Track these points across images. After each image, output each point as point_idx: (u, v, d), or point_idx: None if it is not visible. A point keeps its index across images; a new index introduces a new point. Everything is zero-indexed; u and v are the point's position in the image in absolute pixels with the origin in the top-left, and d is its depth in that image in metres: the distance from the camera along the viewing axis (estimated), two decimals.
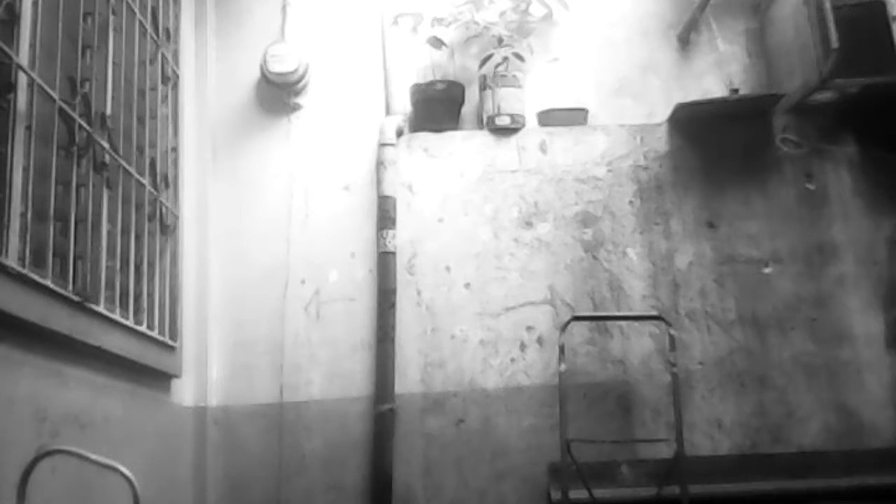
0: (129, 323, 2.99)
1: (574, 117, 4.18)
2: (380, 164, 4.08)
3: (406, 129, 4.19)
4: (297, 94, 4.26)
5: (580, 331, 3.86)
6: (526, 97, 4.18)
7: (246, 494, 3.78)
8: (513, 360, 3.90)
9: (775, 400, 3.81)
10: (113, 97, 3.00)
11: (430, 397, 3.85)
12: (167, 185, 3.54)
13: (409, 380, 3.87)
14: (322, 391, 3.90)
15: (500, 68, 4.09)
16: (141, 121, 3.30)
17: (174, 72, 3.72)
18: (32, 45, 2.39)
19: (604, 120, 4.21)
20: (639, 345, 3.89)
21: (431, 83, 4.16)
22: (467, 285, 3.97)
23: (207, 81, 4.17)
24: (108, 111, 2.94)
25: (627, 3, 4.38)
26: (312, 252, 4.06)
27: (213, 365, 3.91)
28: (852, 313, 3.88)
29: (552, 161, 4.11)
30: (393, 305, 3.91)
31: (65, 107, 2.59)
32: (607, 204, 4.06)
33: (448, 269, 4.00)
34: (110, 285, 2.89)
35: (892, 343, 3.83)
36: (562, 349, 3.51)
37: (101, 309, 2.74)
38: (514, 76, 4.12)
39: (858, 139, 4.06)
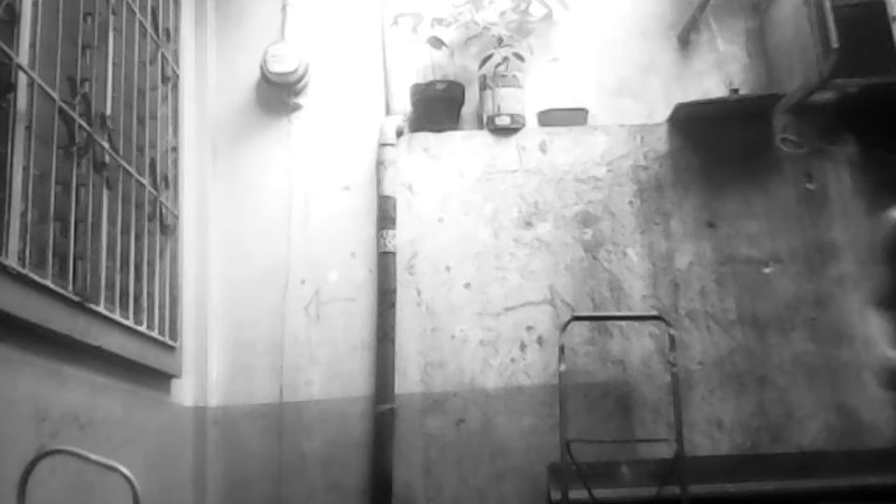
0: (129, 323, 2.99)
1: (574, 117, 4.17)
2: (380, 164, 4.08)
3: (406, 129, 4.19)
4: (297, 94, 4.25)
5: (580, 331, 3.86)
6: (526, 97, 4.17)
7: (246, 494, 3.78)
8: (513, 360, 3.90)
9: (775, 400, 3.81)
10: (113, 97, 3.00)
11: (430, 397, 3.85)
12: (167, 185, 3.54)
13: (409, 380, 3.87)
14: (322, 391, 3.90)
15: (500, 68, 4.09)
16: (141, 121, 3.30)
17: (174, 72, 3.72)
18: (32, 45, 2.39)
19: (604, 120, 4.21)
20: (639, 345, 3.89)
21: (431, 83, 4.16)
22: (467, 285, 3.97)
23: (207, 81, 4.17)
24: (108, 111, 2.94)
25: (627, 3, 4.38)
26: (312, 252, 4.06)
27: (213, 365, 3.91)
28: (852, 313, 3.87)
29: (552, 161, 4.11)
30: (393, 305, 3.91)
31: (65, 107, 2.59)
32: (607, 204, 4.06)
33: (448, 269, 4.00)
34: (110, 285, 2.89)
35: (891, 343, 3.82)
36: (562, 349, 3.51)
37: (100, 309, 2.74)
38: (514, 76, 4.11)
39: (858, 139, 4.06)
